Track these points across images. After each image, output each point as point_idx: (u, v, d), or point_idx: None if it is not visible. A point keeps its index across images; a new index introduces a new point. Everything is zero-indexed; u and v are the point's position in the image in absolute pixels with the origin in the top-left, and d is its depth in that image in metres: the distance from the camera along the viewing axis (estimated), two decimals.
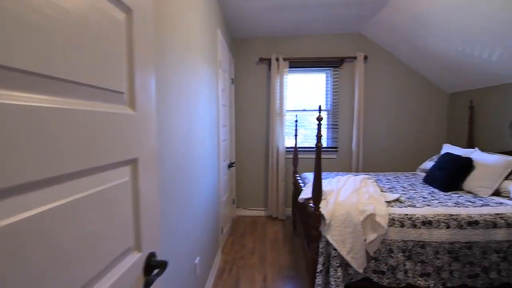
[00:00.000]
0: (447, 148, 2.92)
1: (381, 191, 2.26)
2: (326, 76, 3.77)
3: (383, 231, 1.72)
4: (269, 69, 3.65)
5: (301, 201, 2.23)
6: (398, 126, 3.70)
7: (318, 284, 1.75)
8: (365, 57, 3.55)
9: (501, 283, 1.72)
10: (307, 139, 3.84)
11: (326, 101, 3.78)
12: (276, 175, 3.67)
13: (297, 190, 2.74)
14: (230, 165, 3.16)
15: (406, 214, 1.80)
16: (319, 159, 1.77)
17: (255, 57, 3.70)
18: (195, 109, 1.74)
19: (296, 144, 3.32)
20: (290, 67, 3.62)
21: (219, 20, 2.65)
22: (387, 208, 1.84)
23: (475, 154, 2.45)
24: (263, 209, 3.88)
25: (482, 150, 2.65)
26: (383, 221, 1.73)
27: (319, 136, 1.74)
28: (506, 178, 2.09)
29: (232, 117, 3.61)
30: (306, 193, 2.22)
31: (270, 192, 3.72)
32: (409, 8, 2.57)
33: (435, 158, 3.05)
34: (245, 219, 3.76)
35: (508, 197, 2.01)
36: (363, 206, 1.81)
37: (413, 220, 1.76)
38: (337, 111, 3.73)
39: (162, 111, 1.17)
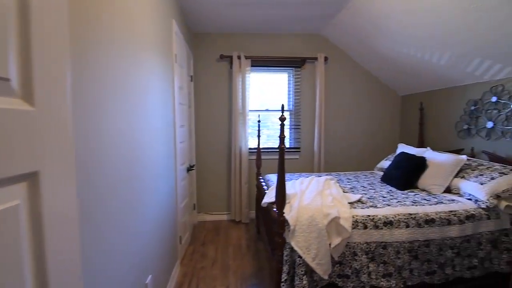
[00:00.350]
0: (402, 148, 3.05)
1: (343, 192, 2.25)
2: (288, 76, 3.73)
3: (348, 234, 1.68)
4: (231, 67, 3.50)
5: (265, 205, 2.12)
6: (356, 127, 3.80)
7: None
8: (326, 58, 3.58)
9: (455, 278, 1.79)
10: (270, 139, 3.77)
11: (288, 102, 3.74)
12: (239, 177, 3.53)
13: (261, 193, 2.63)
14: (189, 169, 2.94)
15: (369, 215, 1.79)
16: (283, 162, 1.67)
17: (215, 54, 3.52)
18: (143, 107, 1.52)
19: (259, 145, 3.22)
20: (252, 66, 3.50)
21: (175, 9, 2.42)
22: (351, 210, 1.81)
23: (427, 153, 2.57)
24: (226, 213, 3.71)
25: (433, 149, 2.80)
26: (347, 224, 1.69)
27: (282, 138, 1.64)
28: (456, 175, 2.21)
29: (192, 117, 3.38)
30: (270, 196, 2.12)
31: (233, 195, 3.57)
32: (367, 11, 2.61)
33: (391, 157, 3.17)
34: (207, 224, 3.55)
35: (458, 193, 2.13)
36: (327, 209, 1.75)
37: (375, 221, 1.75)
38: (299, 111, 3.72)
39: (94, 108, 0.96)
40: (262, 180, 2.89)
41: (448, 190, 2.22)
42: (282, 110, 1.70)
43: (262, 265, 2.51)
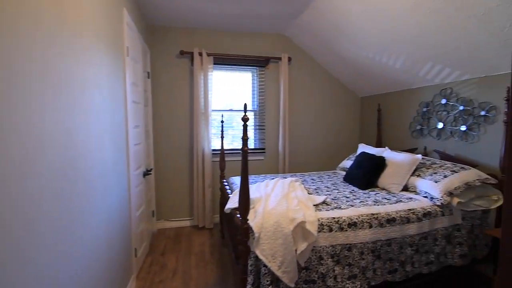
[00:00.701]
0: (363, 148, 3.14)
1: (308, 193, 2.22)
2: (252, 76, 3.65)
3: (313, 238, 1.63)
4: (192, 64, 3.30)
5: (228, 212, 2.00)
6: (319, 127, 3.86)
7: None
8: (289, 59, 3.56)
9: (414, 274, 1.84)
10: (235, 140, 3.64)
11: (253, 102, 3.66)
12: (202, 181, 3.35)
13: (225, 196, 2.50)
14: (146, 173, 2.70)
15: (334, 218, 1.76)
16: (246, 165, 1.56)
17: (175, 49, 3.30)
18: (84, 105, 1.30)
19: (222, 146, 3.08)
20: (215, 64, 3.35)
21: None
22: (316, 213, 1.77)
23: (386, 153, 2.66)
24: (188, 218, 3.51)
25: (390, 148, 2.92)
26: (313, 228, 1.64)
27: (245, 139, 1.53)
28: (412, 174, 2.30)
29: (149, 117, 3.13)
30: (233, 201, 2.00)
31: (195, 200, 3.38)
32: (329, 12, 2.62)
33: (352, 157, 3.25)
34: (168, 232, 3.32)
35: (415, 191, 2.21)
36: (293, 214, 1.68)
37: (340, 223, 1.73)
38: (263, 111, 3.65)
39: (10, 105, 0.76)
40: (226, 184, 2.76)
41: (405, 188, 2.31)
42: (245, 110, 1.59)
43: (227, 272, 2.38)
